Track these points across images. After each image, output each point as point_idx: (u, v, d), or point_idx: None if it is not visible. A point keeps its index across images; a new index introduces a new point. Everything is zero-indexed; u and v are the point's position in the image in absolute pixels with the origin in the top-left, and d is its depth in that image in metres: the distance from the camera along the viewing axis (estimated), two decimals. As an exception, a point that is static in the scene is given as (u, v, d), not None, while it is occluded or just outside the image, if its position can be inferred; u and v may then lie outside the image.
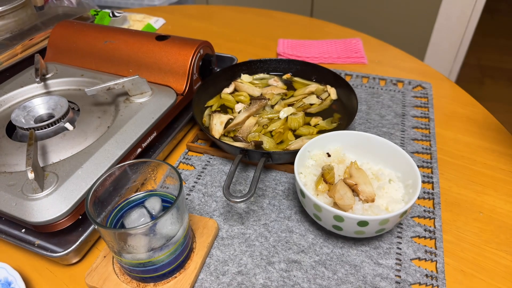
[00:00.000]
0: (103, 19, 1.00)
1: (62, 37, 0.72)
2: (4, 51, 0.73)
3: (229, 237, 0.47)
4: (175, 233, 0.37)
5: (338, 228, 0.42)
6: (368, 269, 0.43)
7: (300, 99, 0.66)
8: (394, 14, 1.78)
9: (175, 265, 0.40)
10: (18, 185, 0.44)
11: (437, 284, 0.41)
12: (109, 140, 0.50)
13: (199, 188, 0.54)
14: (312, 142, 0.50)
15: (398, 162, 0.48)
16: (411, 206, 0.41)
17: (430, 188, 0.52)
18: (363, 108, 0.68)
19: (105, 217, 0.39)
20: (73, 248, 0.43)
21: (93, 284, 0.41)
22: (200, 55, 0.65)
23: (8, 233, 0.45)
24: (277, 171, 0.56)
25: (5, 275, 0.41)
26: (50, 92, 0.63)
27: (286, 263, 0.44)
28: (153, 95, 0.59)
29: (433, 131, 0.62)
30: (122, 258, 0.37)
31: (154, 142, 0.57)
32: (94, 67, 0.69)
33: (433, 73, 0.78)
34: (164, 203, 0.41)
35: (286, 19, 1.07)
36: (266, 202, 0.51)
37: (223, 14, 1.12)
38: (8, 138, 0.52)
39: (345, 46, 0.87)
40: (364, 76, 0.77)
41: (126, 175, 0.41)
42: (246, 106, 0.65)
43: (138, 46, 0.66)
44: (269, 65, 0.74)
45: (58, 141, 0.50)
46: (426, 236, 0.46)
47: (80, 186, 0.44)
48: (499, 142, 0.60)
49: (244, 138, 0.58)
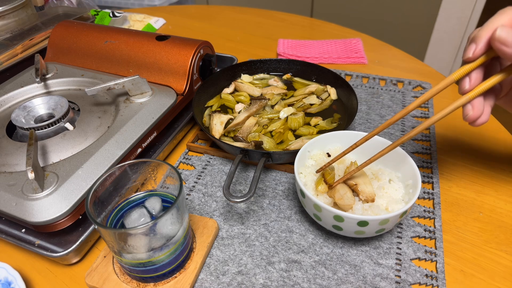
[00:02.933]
0: (103, 19, 1.00)
1: (62, 37, 0.72)
2: (4, 51, 0.73)
3: (229, 237, 0.47)
4: (175, 233, 0.37)
5: (338, 228, 0.42)
6: (368, 269, 0.43)
7: (300, 99, 0.66)
8: (394, 14, 1.78)
9: (175, 265, 0.40)
10: (18, 185, 0.44)
11: (437, 284, 0.41)
12: (109, 140, 0.50)
13: (199, 188, 0.54)
14: (312, 142, 0.50)
15: (398, 162, 0.48)
16: (411, 206, 0.41)
17: (430, 188, 0.52)
18: (363, 108, 0.68)
19: (105, 217, 0.39)
20: (73, 248, 0.43)
21: (93, 284, 0.41)
22: (200, 55, 0.65)
23: (8, 233, 0.45)
24: (277, 171, 0.56)
25: (5, 275, 0.41)
26: (50, 92, 0.63)
27: (286, 263, 0.44)
28: (153, 95, 0.59)
29: (433, 131, 0.62)
30: (122, 258, 0.37)
31: (154, 142, 0.57)
32: (94, 67, 0.69)
33: (433, 73, 0.78)
34: (164, 203, 0.41)
35: (286, 19, 1.07)
36: (266, 202, 0.51)
37: (223, 14, 1.12)
38: (8, 138, 0.52)
39: (345, 46, 0.87)
40: (364, 76, 0.77)
41: (126, 175, 0.41)
42: (246, 106, 0.65)
43: (138, 46, 0.66)
44: (269, 65, 0.74)
45: (58, 141, 0.50)
46: (426, 236, 0.46)
47: (80, 186, 0.44)
48: (499, 142, 0.60)
49: (244, 138, 0.58)
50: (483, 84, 0.39)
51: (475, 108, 0.39)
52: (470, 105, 0.39)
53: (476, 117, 0.40)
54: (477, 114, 0.39)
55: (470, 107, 0.39)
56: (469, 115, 0.40)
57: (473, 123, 0.40)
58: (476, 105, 0.39)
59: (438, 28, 1.74)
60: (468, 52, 0.38)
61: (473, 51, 0.38)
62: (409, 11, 1.74)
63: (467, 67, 0.39)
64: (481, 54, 0.38)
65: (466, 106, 0.40)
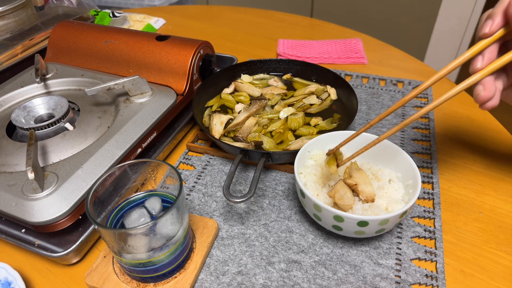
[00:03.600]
0: (103, 19, 1.00)
1: (62, 37, 0.72)
2: (4, 51, 0.73)
3: (229, 237, 0.47)
4: (175, 233, 0.37)
5: (338, 228, 0.42)
6: (368, 269, 0.43)
7: (300, 99, 0.66)
8: (394, 14, 1.78)
9: (175, 265, 0.40)
10: (18, 185, 0.44)
11: (437, 284, 0.41)
12: (109, 140, 0.50)
13: (199, 188, 0.54)
14: (312, 142, 0.50)
15: (398, 162, 0.48)
16: (411, 206, 0.41)
17: (430, 188, 0.52)
18: (363, 108, 0.68)
19: (105, 217, 0.39)
20: (73, 248, 0.43)
21: (93, 284, 0.41)
22: (200, 55, 0.65)
23: (8, 233, 0.45)
24: (277, 171, 0.56)
25: (5, 275, 0.41)
26: (50, 92, 0.63)
27: (286, 263, 0.44)
28: (153, 95, 0.59)
29: (433, 131, 0.62)
30: (122, 258, 0.37)
31: (154, 142, 0.57)
32: (94, 67, 0.69)
33: (433, 73, 0.78)
34: (164, 203, 0.41)
35: (286, 19, 1.07)
36: (266, 202, 0.51)
37: (223, 14, 1.12)
38: (8, 138, 0.52)
39: (345, 46, 0.87)
40: (364, 76, 0.77)
41: (126, 175, 0.41)
42: (246, 106, 0.65)
43: (138, 46, 0.66)
44: (269, 65, 0.74)
45: (58, 141, 0.50)
46: (426, 236, 0.46)
47: (80, 186, 0.44)
48: (499, 142, 0.60)
49: (244, 138, 0.58)
50: (495, 62, 0.37)
51: (487, 88, 0.38)
52: (481, 85, 0.38)
53: (487, 98, 0.38)
54: (488, 95, 0.38)
55: (481, 87, 0.38)
56: (480, 95, 0.38)
57: (483, 105, 0.39)
58: (487, 86, 0.38)
59: (438, 28, 1.74)
60: (484, 28, 0.37)
61: (490, 26, 0.37)
62: (409, 11, 1.74)
63: (483, 44, 0.38)
64: (498, 29, 0.37)
65: (477, 87, 0.38)
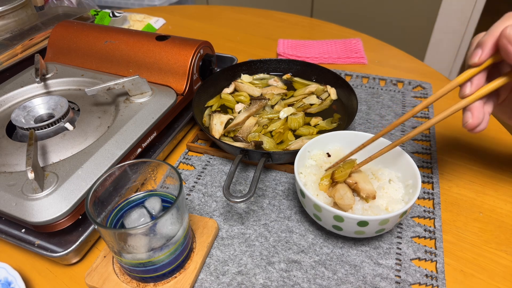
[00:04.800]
0: (103, 19, 1.00)
1: (62, 37, 0.72)
2: (4, 51, 0.73)
3: (229, 237, 0.47)
4: (175, 233, 0.37)
5: (338, 228, 0.42)
6: (368, 269, 0.43)
7: (300, 99, 0.66)
8: (394, 14, 1.78)
9: (175, 265, 0.40)
10: (18, 185, 0.44)
11: (437, 284, 0.41)
12: (109, 140, 0.50)
13: (199, 188, 0.54)
14: (312, 142, 0.50)
15: (398, 162, 0.48)
16: (411, 206, 0.41)
17: (430, 188, 0.52)
18: (363, 108, 0.68)
19: (105, 217, 0.39)
20: (73, 248, 0.43)
21: (93, 284, 0.41)
22: (200, 55, 0.65)
23: (8, 233, 0.45)
24: (277, 171, 0.56)
25: (5, 275, 0.41)
26: (50, 92, 0.63)
27: (286, 263, 0.44)
28: (153, 95, 0.59)
29: (433, 131, 0.62)
30: (122, 258, 0.37)
31: (154, 142, 0.57)
32: (94, 67, 0.69)
33: (433, 73, 0.78)
34: (164, 203, 0.41)
35: (286, 19, 1.07)
36: (266, 202, 0.51)
37: (223, 14, 1.12)
38: (8, 138, 0.52)
39: (345, 46, 0.87)
40: (364, 76, 0.77)
41: (126, 175, 0.41)
42: (246, 106, 0.65)
43: (138, 46, 0.66)
44: (269, 65, 0.74)
45: (58, 141, 0.50)
46: (426, 236, 0.46)
47: (80, 186, 0.44)
48: (499, 142, 0.60)
49: (244, 138, 0.58)
50: (483, 89, 0.39)
51: (475, 116, 0.40)
52: (470, 112, 0.40)
53: (475, 125, 0.40)
54: (476, 122, 0.40)
55: (469, 114, 0.40)
56: (468, 123, 0.40)
57: (472, 130, 0.41)
58: (475, 113, 0.40)
59: (438, 28, 1.74)
60: (474, 58, 0.39)
61: (479, 56, 0.38)
62: (409, 11, 1.74)
63: (472, 71, 0.39)
64: (487, 59, 0.38)
65: (466, 114, 0.40)
